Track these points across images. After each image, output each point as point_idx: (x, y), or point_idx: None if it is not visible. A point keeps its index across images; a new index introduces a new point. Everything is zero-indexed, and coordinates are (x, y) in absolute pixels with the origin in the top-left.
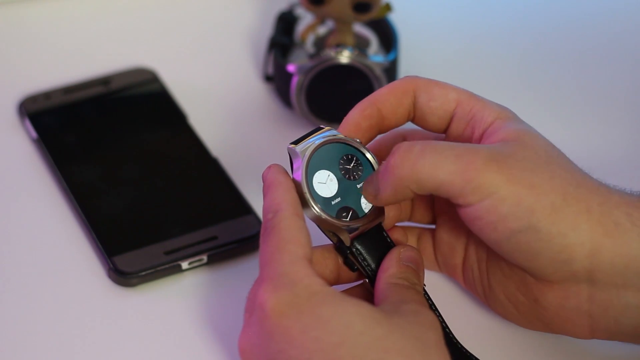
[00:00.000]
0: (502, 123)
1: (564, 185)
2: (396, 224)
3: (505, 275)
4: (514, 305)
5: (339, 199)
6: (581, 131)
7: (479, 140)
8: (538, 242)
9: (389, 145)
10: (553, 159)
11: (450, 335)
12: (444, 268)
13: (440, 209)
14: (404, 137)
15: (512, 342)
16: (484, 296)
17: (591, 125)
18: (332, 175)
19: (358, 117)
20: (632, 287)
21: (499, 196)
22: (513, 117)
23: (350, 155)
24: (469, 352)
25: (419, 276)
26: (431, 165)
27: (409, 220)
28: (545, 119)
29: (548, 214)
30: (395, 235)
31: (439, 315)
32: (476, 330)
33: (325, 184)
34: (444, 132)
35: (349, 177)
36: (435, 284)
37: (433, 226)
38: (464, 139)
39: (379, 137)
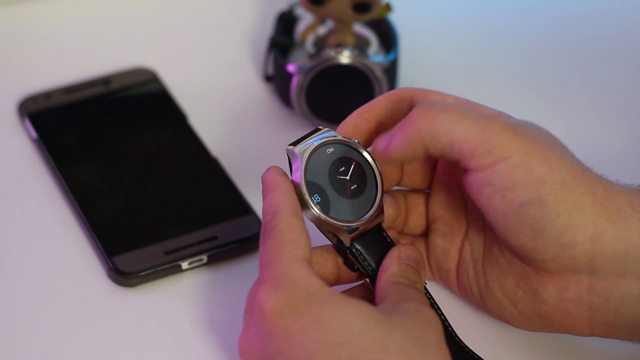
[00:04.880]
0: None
1: (574, 166)
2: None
3: (503, 271)
4: (512, 303)
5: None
6: (582, 130)
7: None
8: (544, 217)
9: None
10: (560, 145)
11: (453, 334)
12: (437, 275)
13: (434, 214)
14: None
15: (514, 340)
16: (480, 298)
17: (593, 124)
18: (331, 177)
19: (356, 119)
20: (631, 276)
21: (512, 161)
22: (513, 117)
23: (349, 156)
24: (472, 350)
25: (420, 274)
26: (450, 121)
27: (401, 232)
28: (546, 117)
29: (557, 189)
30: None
31: (441, 314)
32: (478, 328)
33: (325, 185)
34: None
35: (348, 177)
36: (436, 282)
37: (425, 233)
38: None
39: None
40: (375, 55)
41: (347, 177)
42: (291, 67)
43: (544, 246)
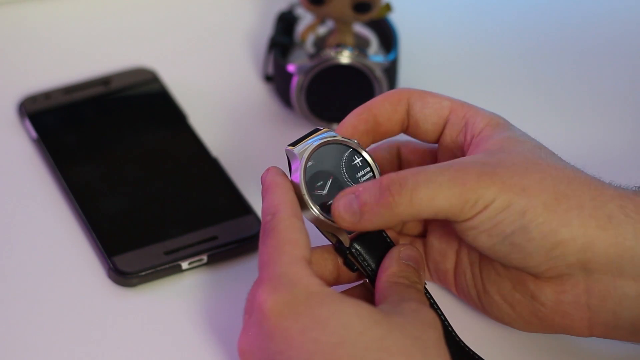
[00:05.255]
0: (490, 130)
1: (555, 184)
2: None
3: (500, 275)
4: (510, 306)
5: None
6: (582, 130)
7: (469, 145)
8: (530, 241)
9: (384, 155)
10: (541, 160)
11: (453, 334)
12: (436, 276)
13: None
14: (397, 147)
15: (514, 340)
16: (478, 301)
17: (593, 124)
18: (330, 177)
19: (355, 120)
20: (628, 276)
21: (494, 206)
22: (503, 123)
23: (349, 156)
24: (472, 350)
25: (420, 275)
26: (428, 197)
27: (399, 233)
28: (547, 117)
29: (539, 214)
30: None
31: (441, 314)
32: (478, 328)
33: (324, 185)
34: (437, 142)
35: (348, 178)
36: (435, 283)
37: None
38: (457, 145)
39: (373, 146)
40: (375, 55)
41: (347, 178)
42: (291, 67)
43: (537, 263)
